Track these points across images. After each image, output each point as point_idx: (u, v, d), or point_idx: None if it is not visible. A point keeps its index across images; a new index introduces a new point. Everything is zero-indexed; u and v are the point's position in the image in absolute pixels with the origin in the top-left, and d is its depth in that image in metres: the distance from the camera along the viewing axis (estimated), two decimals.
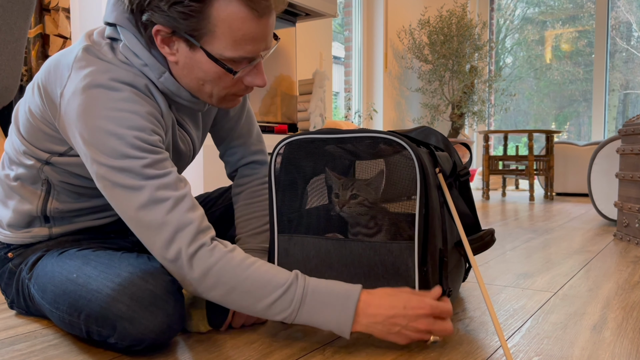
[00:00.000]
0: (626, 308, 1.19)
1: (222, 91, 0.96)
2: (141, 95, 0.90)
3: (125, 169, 0.85)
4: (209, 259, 0.85)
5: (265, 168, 1.23)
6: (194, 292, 0.88)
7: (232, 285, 0.85)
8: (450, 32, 4.99)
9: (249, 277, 0.85)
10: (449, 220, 1.04)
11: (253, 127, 1.24)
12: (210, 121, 1.17)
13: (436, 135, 1.19)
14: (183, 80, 0.95)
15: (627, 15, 5.30)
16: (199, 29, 0.87)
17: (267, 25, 0.90)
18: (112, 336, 0.86)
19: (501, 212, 3.17)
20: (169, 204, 0.85)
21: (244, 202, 1.19)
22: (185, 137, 1.07)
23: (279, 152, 1.04)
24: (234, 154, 1.22)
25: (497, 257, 1.77)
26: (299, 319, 0.86)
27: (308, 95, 3.48)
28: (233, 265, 0.86)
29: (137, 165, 0.85)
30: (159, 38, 0.89)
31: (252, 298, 0.86)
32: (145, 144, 0.86)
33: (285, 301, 0.85)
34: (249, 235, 1.15)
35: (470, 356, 0.90)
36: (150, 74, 0.93)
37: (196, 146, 1.13)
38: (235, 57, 0.90)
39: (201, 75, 0.92)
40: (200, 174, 2.33)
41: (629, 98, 5.38)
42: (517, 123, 6.02)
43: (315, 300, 0.86)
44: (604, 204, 2.62)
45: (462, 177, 1.16)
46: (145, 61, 0.92)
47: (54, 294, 0.93)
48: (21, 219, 1.06)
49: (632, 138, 2.11)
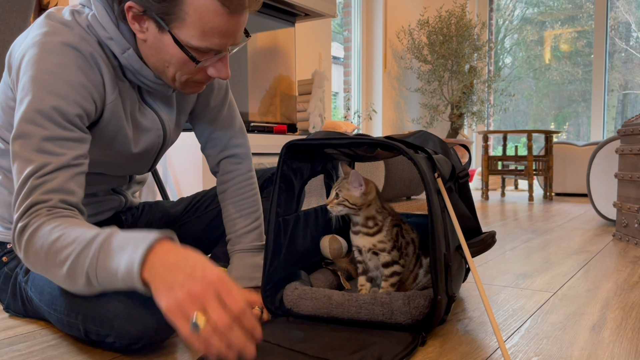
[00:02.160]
0: (625, 308, 1.19)
1: (184, 76, 0.96)
2: (84, 63, 0.90)
3: (26, 134, 0.84)
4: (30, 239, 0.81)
5: (248, 162, 1.22)
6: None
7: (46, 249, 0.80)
8: (450, 32, 4.99)
9: (59, 238, 0.79)
10: (450, 223, 1.05)
11: (235, 119, 1.22)
12: (189, 107, 1.16)
13: (433, 139, 1.19)
14: (149, 59, 0.96)
15: (626, 15, 5.30)
16: (170, 14, 0.88)
17: (237, 21, 0.91)
18: (110, 335, 0.86)
19: (500, 212, 3.17)
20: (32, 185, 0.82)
21: (230, 200, 1.17)
22: (152, 116, 1.06)
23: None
24: (215, 146, 1.20)
25: (496, 258, 1.77)
26: (99, 268, 0.77)
27: (307, 95, 3.48)
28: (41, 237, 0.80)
29: (38, 134, 0.84)
30: (130, 14, 0.90)
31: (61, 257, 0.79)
32: (59, 115, 0.86)
33: (90, 249, 0.77)
34: (238, 236, 1.15)
35: (469, 356, 0.90)
36: (114, 47, 0.94)
37: (167, 128, 1.10)
38: (201, 47, 0.91)
39: (167, 57, 0.93)
40: (200, 175, 2.33)
41: (628, 98, 5.38)
42: (516, 123, 6.02)
43: (115, 245, 0.77)
44: (603, 204, 2.62)
45: (461, 178, 1.16)
46: (111, 35, 0.93)
47: (51, 296, 0.93)
48: (9, 212, 1.06)
49: (631, 138, 2.11)
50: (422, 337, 0.97)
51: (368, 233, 1.11)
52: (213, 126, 1.19)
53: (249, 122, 2.84)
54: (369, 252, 1.11)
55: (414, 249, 1.14)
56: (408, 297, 1.00)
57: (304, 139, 1.05)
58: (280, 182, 1.11)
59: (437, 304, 0.96)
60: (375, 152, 1.09)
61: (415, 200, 3.81)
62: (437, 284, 0.96)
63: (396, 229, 1.12)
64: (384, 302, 1.00)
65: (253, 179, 1.21)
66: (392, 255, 1.10)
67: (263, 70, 2.98)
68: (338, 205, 1.09)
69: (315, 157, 1.20)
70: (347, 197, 1.09)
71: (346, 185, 1.10)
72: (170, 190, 2.41)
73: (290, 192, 1.14)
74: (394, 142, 0.99)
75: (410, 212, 1.39)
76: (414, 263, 1.13)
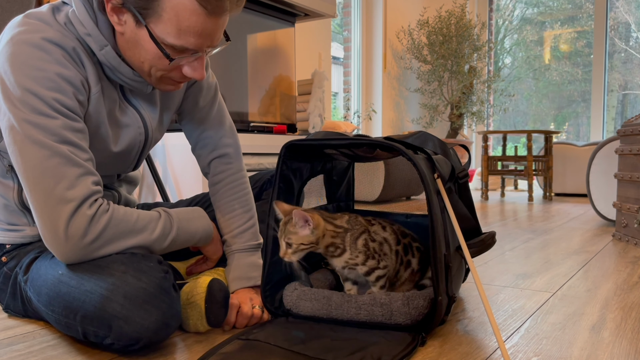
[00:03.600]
0: (625, 308, 1.19)
1: (159, 72, 0.96)
2: (67, 58, 0.91)
3: (41, 126, 0.86)
4: (101, 218, 0.90)
5: (239, 162, 1.21)
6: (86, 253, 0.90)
7: (126, 232, 0.92)
8: (449, 32, 4.99)
9: (138, 219, 0.94)
10: (450, 224, 1.04)
11: (225, 118, 1.22)
12: (174, 106, 1.16)
13: (433, 140, 1.19)
14: (126, 53, 0.96)
15: (626, 15, 5.30)
16: (147, 8, 0.88)
17: (215, 23, 0.91)
18: (109, 336, 0.86)
19: (500, 212, 3.17)
20: (75, 174, 0.88)
21: (223, 200, 1.17)
22: (132, 113, 1.06)
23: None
24: (206, 146, 1.20)
25: (496, 258, 1.77)
26: (179, 231, 1.00)
27: (307, 95, 3.48)
28: (120, 216, 0.92)
29: (53, 125, 0.87)
30: (109, 5, 0.90)
31: (146, 232, 0.95)
32: (63, 107, 0.88)
33: (166, 222, 0.98)
34: (233, 236, 1.15)
35: (469, 356, 0.90)
36: (92, 44, 0.94)
37: (149, 125, 1.10)
38: (177, 46, 0.91)
39: (142, 53, 0.93)
40: (199, 175, 2.33)
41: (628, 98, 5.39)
42: (515, 123, 6.02)
43: (183, 217, 1.02)
44: (603, 205, 2.62)
45: (461, 179, 1.16)
46: (89, 31, 0.94)
47: (48, 297, 0.92)
48: (4, 214, 1.06)
49: (630, 139, 2.11)
50: (422, 337, 0.97)
51: (334, 256, 1.07)
52: (203, 126, 1.19)
53: (248, 122, 2.84)
54: (344, 269, 1.09)
55: (389, 246, 1.11)
56: (407, 298, 1.00)
57: (304, 139, 1.05)
58: (279, 182, 1.11)
59: (437, 305, 0.96)
60: (375, 153, 1.09)
61: (415, 200, 3.81)
62: (437, 285, 0.96)
63: (362, 239, 1.07)
64: (384, 303, 1.00)
65: (245, 179, 1.20)
66: (369, 265, 1.06)
67: (263, 70, 2.98)
68: (294, 254, 1.02)
69: (314, 158, 1.20)
70: (300, 241, 1.02)
71: (291, 230, 1.02)
72: (170, 190, 2.41)
73: (289, 192, 1.14)
74: (393, 142, 0.99)
75: (410, 212, 1.39)
76: (394, 259, 1.11)
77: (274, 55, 3.07)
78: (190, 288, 1.00)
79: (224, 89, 2.72)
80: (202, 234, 1.06)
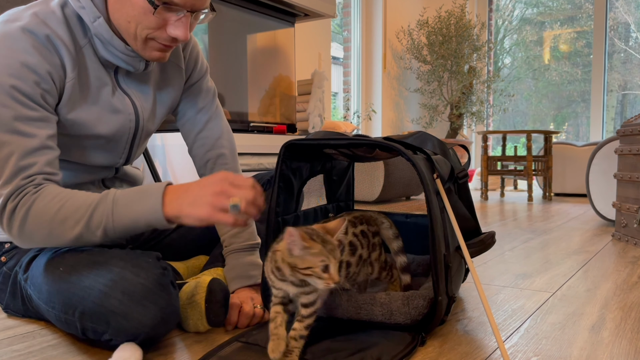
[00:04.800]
0: (624, 308, 1.19)
1: (144, 31, 0.97)
2: (37, 46, 0.92)
3: None
4: (22, 207, 0.89)
5: (235, 162, 1.22)
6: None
7: (44, 225, 0.89)
8: (449, 32, 4.99)
9: (59, 210, 0.89)
10: (449, 224, 1.05)
11: (222, 120, 1.24)
12: (169, 101, 1.17)
13: (432, 140, 1.19)
14: (115, 15, 0.97)
15: (626, 16, 5.30)
16: None
17: None
18: (107, 332, 0.86)
19: (500, 212, 3.17)
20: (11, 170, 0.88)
21: None
22: (124, 99, 1.07)
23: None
24: (202, 146, 1.21)
25: (495, 258, 1.77)
26: (117, 221, 0.89)
27: (307, 95, 3.48)
28: (40, 208, 0.89)
29: (6, 114, 0.88)
30: None
31: (71, 222, 0.89)
32: (22, 94, 0.89)
33: (100, 210, 0.89)
34: (231, 236, 1.15)
35: (468, 356, 0.90)
36: (85, 16, 0.96)
37: (140, 115, 1.10)
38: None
39: (129, 10, 0.95)
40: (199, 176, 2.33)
41: (627, 99, 5.39)
42: (515, 123, 6.02)
43: (126, 199, 0.91)
44: (603, 205, 2.62)
45: (461, 179, 1.16)
46: (83, 4, 0.96)
47: (48, 293, 0.93)
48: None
49: (630, 139, 2.11)
50: (422, 337, 0.97)
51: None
52: (200, 127, 1.21)
53: (248, 122, 2.84)
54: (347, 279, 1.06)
55: (360, 248, 1.07)
56: (407, 298, 1.00)
57: (303, 138, 1.05)
58: (279, 182, 1.11)
59: (437, 305, 0.96)
60: (374, 153, 1.09)
61: (415, 200, 3.81)
62: (437, 285, 0.96)
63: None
64: (383, 303, 1.00)
65: None
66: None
67: (263, 70, 2.98)
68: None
69: (314, 157, 1.20)
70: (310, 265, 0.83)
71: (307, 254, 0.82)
72: None
73: (289, 191, 1.14)
74: (392, 143, 0.99)
75: (410, 212, 1.39)
76: (356, 262, 1.07)
77: (274, 55, 3.07)
78: (190, 288, 1.00)
79: (224, 89, 2.73)
80: (150, 217, 0.89)
